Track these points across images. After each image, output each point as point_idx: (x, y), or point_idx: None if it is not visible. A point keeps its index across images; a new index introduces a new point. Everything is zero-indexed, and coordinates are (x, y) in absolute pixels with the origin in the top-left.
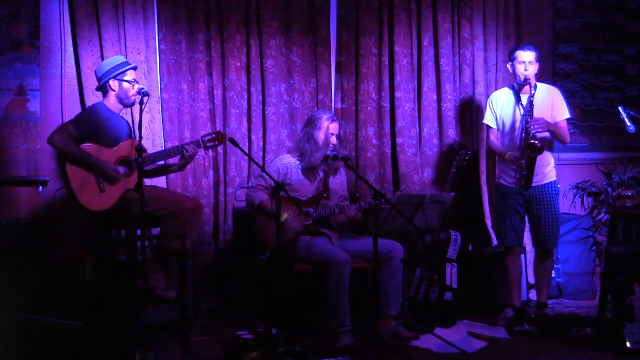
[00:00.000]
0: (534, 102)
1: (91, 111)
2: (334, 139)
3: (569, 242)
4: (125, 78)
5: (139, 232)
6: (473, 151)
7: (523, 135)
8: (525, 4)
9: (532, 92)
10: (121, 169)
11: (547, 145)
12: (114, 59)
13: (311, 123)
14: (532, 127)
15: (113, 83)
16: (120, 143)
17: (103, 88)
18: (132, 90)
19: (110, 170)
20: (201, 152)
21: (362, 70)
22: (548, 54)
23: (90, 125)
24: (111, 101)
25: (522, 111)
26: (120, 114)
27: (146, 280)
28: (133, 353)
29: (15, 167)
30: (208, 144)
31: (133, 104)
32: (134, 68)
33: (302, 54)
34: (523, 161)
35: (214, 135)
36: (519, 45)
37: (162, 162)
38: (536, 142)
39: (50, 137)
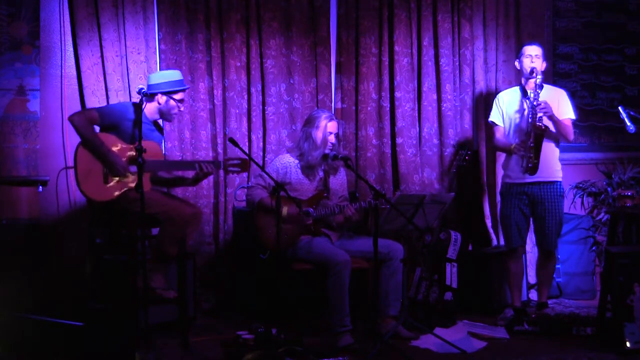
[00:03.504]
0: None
1: (123, 107)
2: (332, 138)
3: (569, 242)
4: (175, 97)
5: (139, 232)
6: (473, 151)
7: (530, 120)
8: (525, 4)
9: (539, 82)
10: (132, 169)
11: (553, 136)
12: (172, 74)
13: (310, 122)
14: (539, 109)
15: (161, 97)
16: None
17: (148, 95)
18: (176, 109)
19: (118, 165)
20: (204, 154)
21: (362, 70)
22: (548, 54)
23: (116, 118)
24: (150, 109)
25: (528, 104)
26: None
27: (146, 280)
28: (133, 353)
29: (15, 167)
30: (229, 169)
31: (171, 120)
32: (186, 89)
33: (302, 54)
34: (531, 142)
35: (238, 162)
36: (526, 42)
37: (180, 173)
38: (542, 124)
39: (71, 115)
